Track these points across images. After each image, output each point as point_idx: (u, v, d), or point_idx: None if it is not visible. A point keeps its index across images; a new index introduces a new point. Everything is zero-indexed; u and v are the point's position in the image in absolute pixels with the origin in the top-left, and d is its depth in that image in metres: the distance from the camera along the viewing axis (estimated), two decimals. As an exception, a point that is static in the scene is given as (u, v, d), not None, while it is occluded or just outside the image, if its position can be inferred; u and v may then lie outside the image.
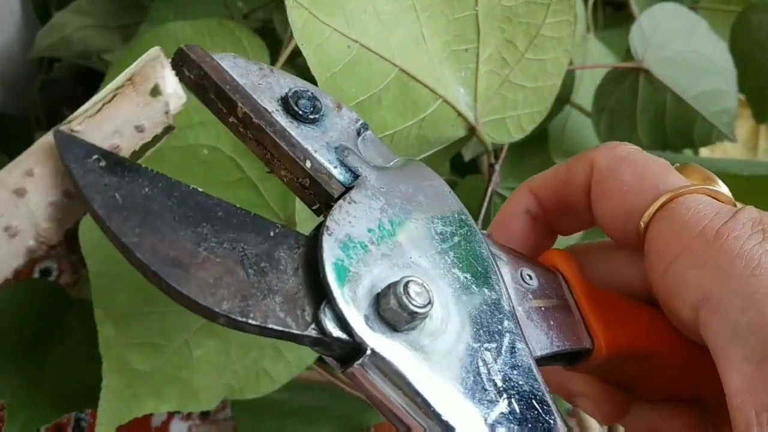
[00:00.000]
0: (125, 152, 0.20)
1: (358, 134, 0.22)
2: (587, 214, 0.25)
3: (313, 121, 0.21)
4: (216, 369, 0.41)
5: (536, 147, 0.56)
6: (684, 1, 0.58)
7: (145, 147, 0.20)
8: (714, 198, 0.22)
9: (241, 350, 0.41)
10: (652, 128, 0.53)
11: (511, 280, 0.22)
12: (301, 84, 0.22)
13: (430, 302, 0.18)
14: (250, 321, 0.17)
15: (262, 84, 0.21)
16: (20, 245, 0.19)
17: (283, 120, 0.21)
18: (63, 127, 0.19)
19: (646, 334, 0.24)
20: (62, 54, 0.65)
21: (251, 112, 0.20)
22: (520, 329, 0.21)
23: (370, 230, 0.20)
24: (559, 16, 0.34)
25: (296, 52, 0.48)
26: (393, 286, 0.18)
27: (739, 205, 0.22)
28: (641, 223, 0.23)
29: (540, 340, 0.22)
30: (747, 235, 0.20)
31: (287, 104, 0.21)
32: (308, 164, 0.20)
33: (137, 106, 0.20)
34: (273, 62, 0.48)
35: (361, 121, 0.23)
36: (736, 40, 0.59)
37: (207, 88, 0.20)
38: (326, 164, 0.21)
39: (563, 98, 0.53)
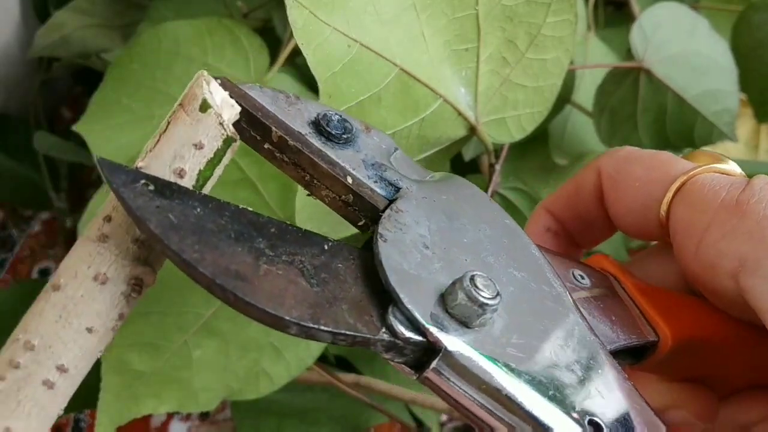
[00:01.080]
0: (191, 174, 0.20)
1: (390, 152, 0.23)
2: (604, 221, 0.26)
3: (346, 142, 0.21)
4: (215, 370, 0.41)
5: (537, 147, 0.56)
6: (685, 1, 0.57)
7: (211, 164, 0.20)
8: (725, 174, 0.23)
9: (240, 351, 0.41)
10: (652, 128, 0.53)
11: (565, 280, 0.22)
12: (328, 108, 0.22)
13: (498, 294, 0.18)
14: (321, 327, 0.17)
15: (291, 110, 0.21)
16: (115, 291, 0.19)
17: (317, 142, 0.21)
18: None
19: (704, 322, 0.24)
20: (61, 53, 0.65)
21: (286, 135, 0.20)
22: (587, 322, 0.21)
23: (421, 236, 0.20)
24: (559, 15, 0.34)
25: (296, 52, 0.48)
26: (458, 281, 0.18)
27: None
28: (661, 212, 0.23)
29: (606, 335, 0.22)
30: (766, 198, 0.21)
31: (319, 126, 0.21)
32: (349, 180, 0.21)
33: (190, 125, 0.20)
34: (273, 61, 0.48)
35: (390, 140, 0.23)
36: (737, 40, 0.58)
37: (238, 118, 0.20)
38: (366, 180, 0.21)
39: (564, 98, 0.53)
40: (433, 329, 0.18)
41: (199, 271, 0.16)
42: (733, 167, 0.24)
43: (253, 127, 0.21)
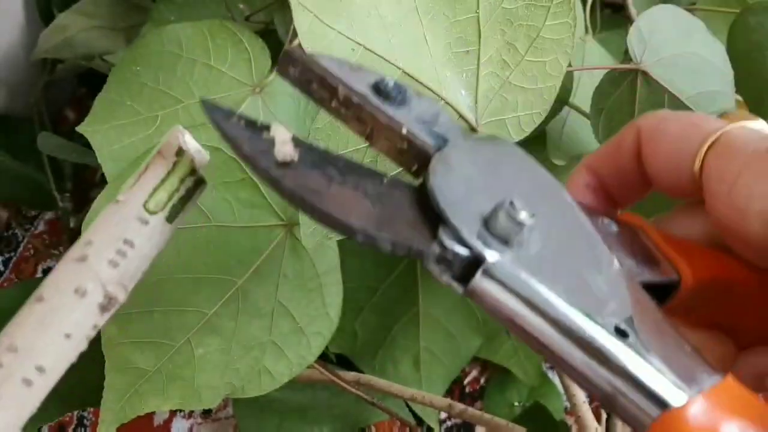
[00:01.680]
0: (165, 208, 0.24)
1: (438, 116, 0.25)
2: (641, 178, 0.27)
3: (401, 102, 0.24)
4: (218, 367, 0.41)
5: (535, 148, 0.57)
6: (681, 3, 0.58)
7: (183, 200, 0.24)
8: (757, 131, 0.24)
9: (242, 349, 0.41)
10: (650, 129, 0.53)
11: (594, 224, 0.25)
12: (385, 75, 0.25)
13: (534, 215, 0.20)
14: (384, 234, 0.20)
15: (355, 75, 0.24)
16: (92, 303, 0.23)
17: (376, 101, 0.24)
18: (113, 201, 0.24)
19: (727, 268, 0.25)
20: (65, 55, 0.65)
21: (350, 94, 0.23)
22: (614, 254, 0.23)
23: (467, 174, 0.22)
24: (559, 18, 0.35)
25: (298, 54, 0.48)
26: (499, 205, 0.21)
27: None
28: (695, 166, 0.24)
29: (632, 270, 0.24)
30: None
31: (378, 89, 0.24)
32: (404, 131, 0.23)
33: (167, 168, 0.23)
34: (274, 63, 0.49)
35: (438, 107, 0.26)
36: (733, 42, 0.59)
37: (311, 80, 0.24)
38: (419, 132, 0.24)
39: (562, 99, 0.53)
40: (476, 243, 0.20)
41: (282, 185, 0.19)
42: (763, 124, 0.25)
43: (322, 88, 0.23)
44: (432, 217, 0.21)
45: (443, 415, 0.63)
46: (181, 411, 0.64)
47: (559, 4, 0.34)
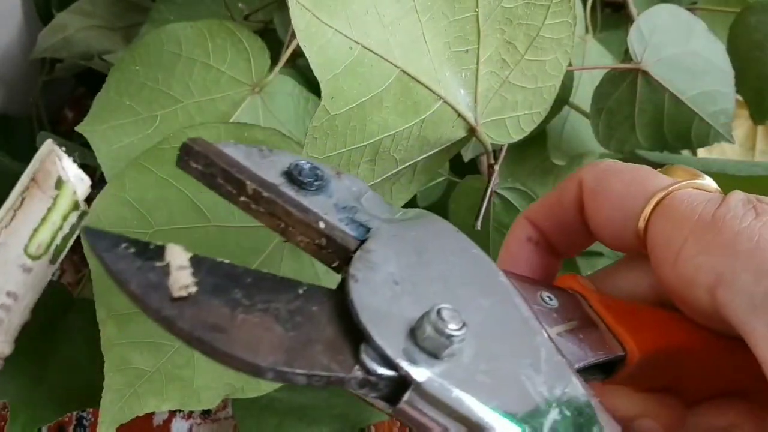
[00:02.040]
0: (49, 250, 0.20)
1: (361, 195, 0.24)
2: (584, 231, 0.26)
3: (318, 189, 0.23)
4: (217, 368, 0.41)
5: (535, 148, 0.57)
6: (682, 2, 0.58)
7: (66, 238, 0.21)
8: (702, 190, 0.24)
9: (242, 349, 0.41)
10: (650, 129, 0.53)
11: (533, 303, 0.23)
12: (299, 158, 0.23)
13: (464, 324, 0.19)
14: (296, 371, 0.18)
15: (264, 162, 0.22)
16: None
17: (289, 191, 0.22)
18: None
19: (672, 333, 0.25)
20: (64, 55, 0.65)
21: (260, 188, 0.22)
22: (554, 343, 0.21)
23: (391, 273, 0.21)
24: (558, 17, 0.35)
25: (297, 53, 0.48)
26: (426, 315, 0.19)
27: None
28: (639, 225, 0.24)
29: (574, 353, 0.22)
30: (741, 214, 0.21)
31: (291, 176, 0.22)
32: (321, 225, 0.22)
33: (47, 203, 0.21)
34: (274, 63, 0.48)
35: (361, 183, 0.24)
36: (734, 41, 0.59)
37: (215, 174, 0.22)
38: (338, 223, 0.22)
39: (562, 99, 0.53)
40: (403, 363, 0.18)
41: (178, 326, 0.17)
42: (709, 183, 0.24)
43: (229, 182, 0.22)
44: (353, 330, 0.19)
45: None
46: (180, 411, 0.64)
47: (558, 3, 0.34)
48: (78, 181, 0.21)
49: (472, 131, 0.35)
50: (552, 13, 0.34)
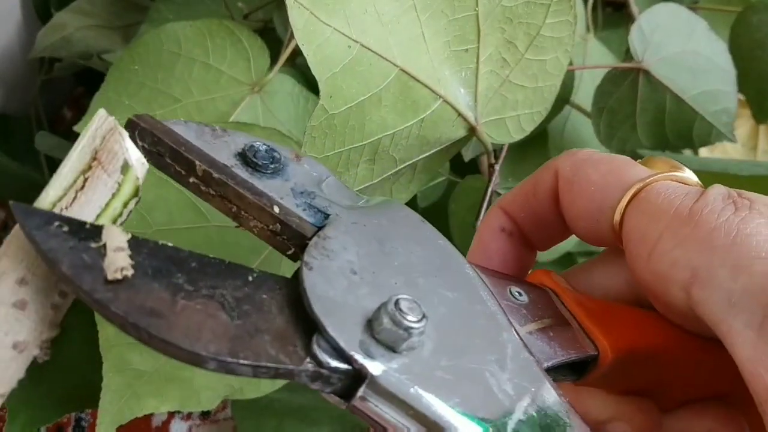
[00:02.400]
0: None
1: (321, 180, 0.22)
2: (559, 223, 0.25)
3: (274, 172, 0.21)
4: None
5: (536, 147, 0.56)
6: (684, 2, 0.58)
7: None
8: (681, 183, 0.23)
9: (241, 350, 0.41)
10: (651, 128, 0.53)
11: (502, 298, 0.22)
12: (255, 139, 0.22)
13: (424, 316, 0.18)
14: (241, 361, 0.16)
15: (217, 143, 0.21)
16: (27, 357, 0.19)
17: (243, 173, 0.21)
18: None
19: (647, 333, 0.24)
20: (62, 54, 0.65)
21: (210, 168, 0.20)
22: (522, 340, 0.20)
23: (349, 261, 0.20)
24: (559, 16, 0.35)
25: (296, 52, 0.48)
26: (383, 306, 0.18)
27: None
28: (615, 218, 0.23)
29: (543, 351, 0.21)
30: (720, 208, 0.20)
31: (245, 158, 0.21)
32: (276, 209, 0.20)
33: (112, 188, 0.19)
34: (273, 62, 0.48)
35: (323, 168, 0.23)
36: (735, 41, 0.59)
37: (162, 153, 0.20)
38: (294, 209, 0.21)
39: (563, 98, 0.53)
40: (358, 356, 0.17)
41: (112, 311, 0.16)
42: (689, 175, 0.23)
43: (177, 162, 0.21)
44: (306, 321, 0.18)
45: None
46: (179, 412, 0.63)
47: (559, 2, 0.34)
48: (140, 166, 0.20)
49: (472, 131, 0.35)
50: (552, 12, 0.34)
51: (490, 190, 0.42)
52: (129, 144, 0.20)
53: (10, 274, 0.18)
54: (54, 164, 0.72)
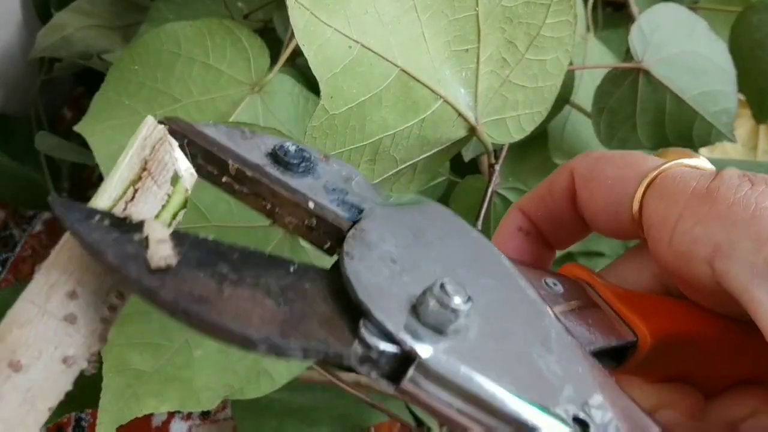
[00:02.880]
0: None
1: (351, 178, 0.23)
2: (576, 222, 0.26)
3: (305, 171, 0.22)
4: (216, 369, 0.41)
5: (536, 147, 0.56)
6: (684, 2, 0.58)
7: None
8: (695, 168, 0.23)
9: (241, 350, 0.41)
10: (651, 128, 0.53)
11: (538, 287, 0.22)
12: (285, 139, 0.22)
13: (469, 299, 0.18)
14: (291, 343, 0.17)
15: (247, 144, 0.21)
16: (76, 371, 0.19)
17: (275, 172, 0.21)
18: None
19: (682, 319, 0.24)
20: (62, 54, 0.65)
21: (243, 167, 0.21)
22: (563, 324, 0.21)
23: (388, 251, 0.20)
24: (559, 16, 0.34)
25: (296, 52, 0.48)
26: (429, 289, 0.18)
27: None
28: (633, 208, 0.23)
29: (584, 337, 0.22)
30: (736, 185, 0.21)
31: (276, 157, 0.21)
32: (311, 205, 0.21)
33: (162, 200, 0.19)
34: (273, 62, 0.48)
35: (351, 168, 0.23)
36: (735, 41, 0.59)
37: (194, 154, 0.21)
38: (328, 204, 0.21)
39: (563, 98, 0.53)
40: (406, 338, 0.17)
41: (161, 298, 0.16)
42: (703, 162, 0.24)
43: (210, 162, 0.21)
44: (351, 308, 0.18)
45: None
46: (179, 412, 0.63)
47: (559, 2, 0.34)
48: (188, 176, 0.20)
49: (472, 131, 0.35)
50: (553, 12, 0.34)
51: (490, 190, 0.42)
52: (179, 154, 0.20)
53: (61, 287, 0.18)
54: (54, 164, 0.72)
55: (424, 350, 0.17)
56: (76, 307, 0.18)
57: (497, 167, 0.42)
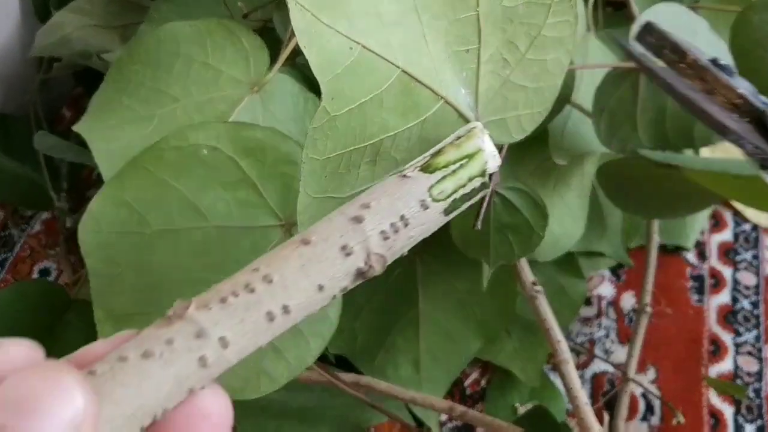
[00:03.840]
0: (448, 198, 0.26)
1: (758, 92, 0.34)
2: None
3: (731, 75, 0.33)
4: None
5: (536, 147, 0.56)
6: (684, 1, 0.57)
7: (463, 198, 0.26)
8: None
9: (241, 351, 0.41)
10: (652, 128, 0.53)
11: None
12: (717, 56, 0.35)
13: None
14: (748, 140, 0.30)
15: (696, 49, 0.33)
16: (352, 265, 0.23)
17: (714, 69, 0.33)
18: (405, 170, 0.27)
19: None
20: (62, 53, 0.65)
21: (697, 60, 0.33)
22: None
23: None
24: (560, 16, 0.34)
25: (296, 52, 0.48)
26: None
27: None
28: None
29: None
30: None
31: (716, 62, 0.33)
32: (741, 90, 0.32)
33: (461, 161, 0.27)
34: (273, 61, 0.48)
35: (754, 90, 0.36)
36: (736, 40, 0.58)
37: (665, 45, 0.34)
38: (750, 96, 0.32)
39: (564, 98, 0.53)
40: None
41: (697, 106, 0.31)
42: None
43: (675, 52, 0.34)
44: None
45: (443, 417, 0.63)
46: (179, 412, 0.63)
47: (559, 2, 0.34)
48: (491, 157, 0.26)
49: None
50: (553, 12, 0.34)
51: (490, 189, 0.42)
52: (487, 140, 0.28)
53: (359, 199, 0.25)
54: (53, 164, 0.72)
55: None
56: (366, 213, 0.24)
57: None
